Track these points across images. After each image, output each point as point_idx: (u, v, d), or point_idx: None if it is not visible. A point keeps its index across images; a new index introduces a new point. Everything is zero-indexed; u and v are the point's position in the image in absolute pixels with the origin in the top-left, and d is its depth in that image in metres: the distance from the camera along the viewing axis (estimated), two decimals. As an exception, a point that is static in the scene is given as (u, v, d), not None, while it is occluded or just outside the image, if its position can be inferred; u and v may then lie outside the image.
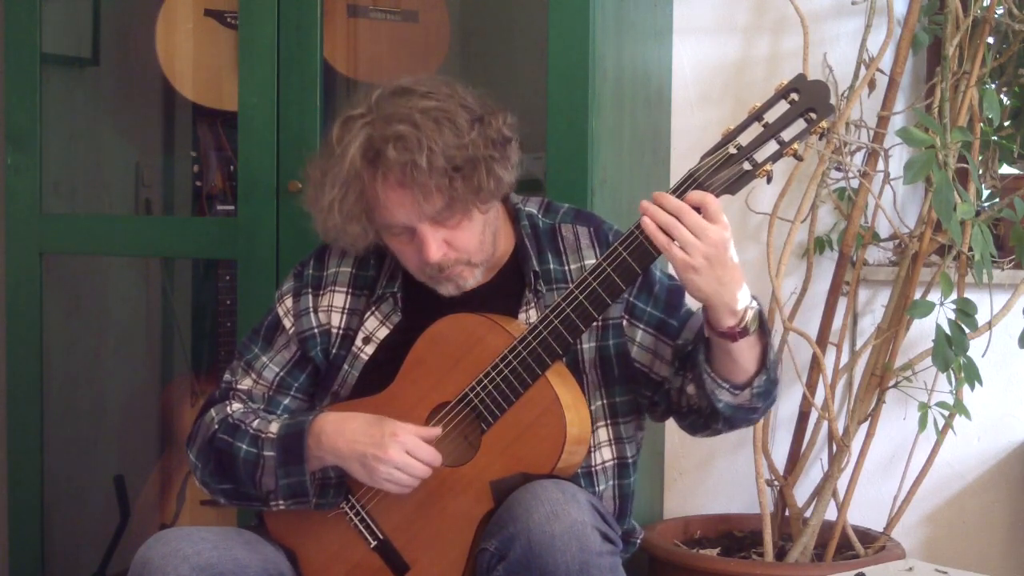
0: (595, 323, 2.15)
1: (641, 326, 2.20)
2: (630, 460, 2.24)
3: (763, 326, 2.03)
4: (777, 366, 2.10)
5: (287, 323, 2.30)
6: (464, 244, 2.13)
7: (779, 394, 2.20)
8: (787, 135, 1.96)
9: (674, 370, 2.18)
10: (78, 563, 3.25)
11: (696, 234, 1.93)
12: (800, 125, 1.96)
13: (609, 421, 2.21)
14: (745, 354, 2.03)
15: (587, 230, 2.25)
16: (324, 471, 2.19)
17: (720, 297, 1.96)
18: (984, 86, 2.81)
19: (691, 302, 2.18)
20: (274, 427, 2.20)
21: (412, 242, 2.13)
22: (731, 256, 1.96)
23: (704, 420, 2.15)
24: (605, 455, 2.21)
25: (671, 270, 2.03)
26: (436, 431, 2.12)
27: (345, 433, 2.14)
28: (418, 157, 2.04)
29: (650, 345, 2.20)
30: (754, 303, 2.01)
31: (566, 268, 2.22)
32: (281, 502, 2.20)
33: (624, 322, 2.21)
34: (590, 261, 2.21)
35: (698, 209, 1.94)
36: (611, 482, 2.23)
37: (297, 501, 2.19)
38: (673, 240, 1.94)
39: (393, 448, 2.09)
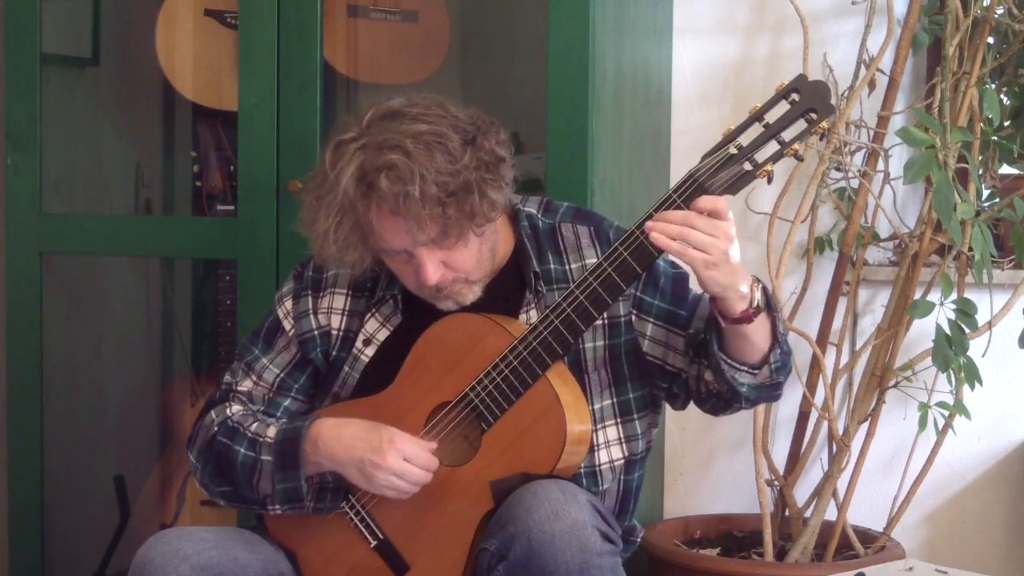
0: (602, 322, 2.15)
1: (651, 320, 2.20)
2: (638, 457, 2.24)
3: (769, 301, 2.05)
4: (787, 337, 2.12)
5: (287, 325, 2.30)
6: (462, 264, 2.13)
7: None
8: (788, 135, 1.97)
9: (689, 359, 2.17)
10: (78, 563, 3.25)
11: (712, 233, 1.94)
12: (801, 125, 1.97)
13: (620, 419, 2.21)
14: (759, 332, 2.04)
15: (587, 229, 2.25)
16: (322, 476, 2.19)
17: (734, 287, 1.98)
18: (984, 86, 2.81)
19: (695, 286, 2.19)
20: (272, 431, 2.20)
21: (410, 263, 2.12)
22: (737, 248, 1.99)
23: (725, 402, 2.15)
24: (614, 453, 2.21)
25: (670, 257, 2.04)
26: (432, 444, 2.12)
27: (343, 439, 2.14)
28: (411, 188, 2.02)
29: (661, 338, 2.20)
30: (758, 282, 2.03)
31: (566, 267, 2.22)
32: (278, 506, 2.20)
33: (633, 317, 2.20)
34: (591, 260, 2.21)
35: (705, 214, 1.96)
36: (618, 477, 2.23)
37: (293, 506, 2.19)
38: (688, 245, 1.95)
39: (391, 455, 2.09)
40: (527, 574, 1.95)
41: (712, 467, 3.18)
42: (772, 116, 1.97)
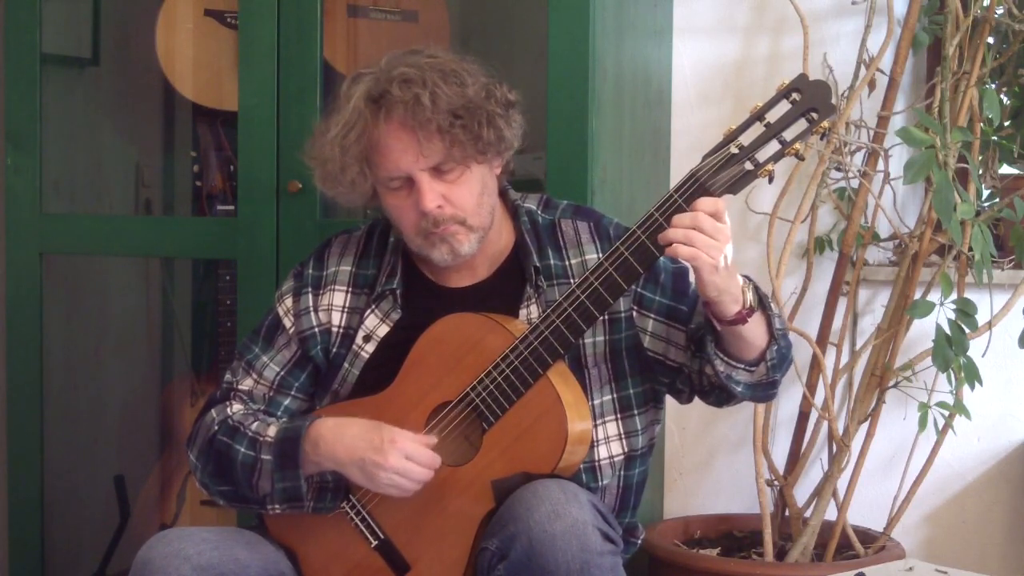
0: (602, 317, 2.15)
1: (652, 315, 2.20)
2: (639, 453, 2.24)
3: (762, 299, 2.05)
4: (785, 333, 2.11)
5: (287, 323, 2.30)
6: (461, 200, 2.14)
7: (780, 391, 2.21)
8: (789, 135, 1.97)
9: (691, 354, 2.18)
10: (78, 563, 3.25)
11: (715, 236, 1.94)
12: (802, 125, 1.97)
13: (620, 415, 2.21)
14: (754, 332, 2.04)
15: (587, 225, 2.25)
16: (322, 476, 2.19)
17: (729, 290, 1.98)
18: (984, 86, 2.81)
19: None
20: (272, 430, 2.20)
21: (410, 196, 2.14)
22: None
23: (728, 394, 2.15)
24: (614, 449, 2.21)
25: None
26: (432, 439, 2.12)
27: (344, 439, 2.13)
28: (421, 94, 2.07)
29: (662, 333, 2.20)
30: (749, 281, 2.03)
31: (566, 263, 2.22)
32: (277, 506, 2.20)
33: (634, 313, 2.21)
34: (591, 256, 2.21)
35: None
36: (618, 474, 2.23)
37: (292, 505, 2.19)
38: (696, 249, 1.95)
39: (392, 454, 2.08)
40: (528, 573, 1.95)
41: (712, 467, 3.18)
42: (773, 116, 1.97)
